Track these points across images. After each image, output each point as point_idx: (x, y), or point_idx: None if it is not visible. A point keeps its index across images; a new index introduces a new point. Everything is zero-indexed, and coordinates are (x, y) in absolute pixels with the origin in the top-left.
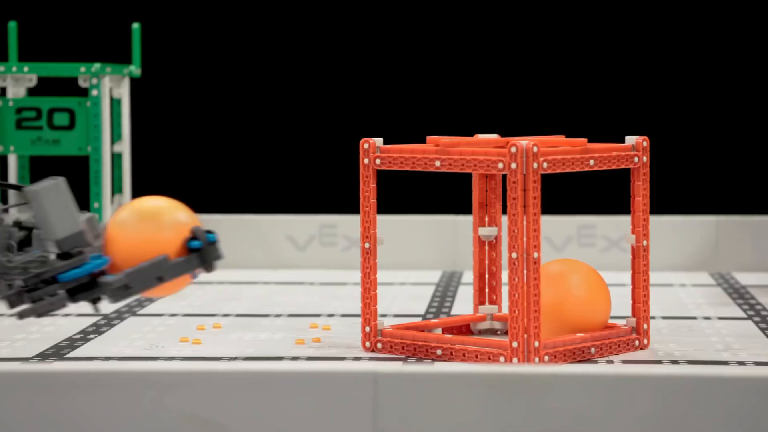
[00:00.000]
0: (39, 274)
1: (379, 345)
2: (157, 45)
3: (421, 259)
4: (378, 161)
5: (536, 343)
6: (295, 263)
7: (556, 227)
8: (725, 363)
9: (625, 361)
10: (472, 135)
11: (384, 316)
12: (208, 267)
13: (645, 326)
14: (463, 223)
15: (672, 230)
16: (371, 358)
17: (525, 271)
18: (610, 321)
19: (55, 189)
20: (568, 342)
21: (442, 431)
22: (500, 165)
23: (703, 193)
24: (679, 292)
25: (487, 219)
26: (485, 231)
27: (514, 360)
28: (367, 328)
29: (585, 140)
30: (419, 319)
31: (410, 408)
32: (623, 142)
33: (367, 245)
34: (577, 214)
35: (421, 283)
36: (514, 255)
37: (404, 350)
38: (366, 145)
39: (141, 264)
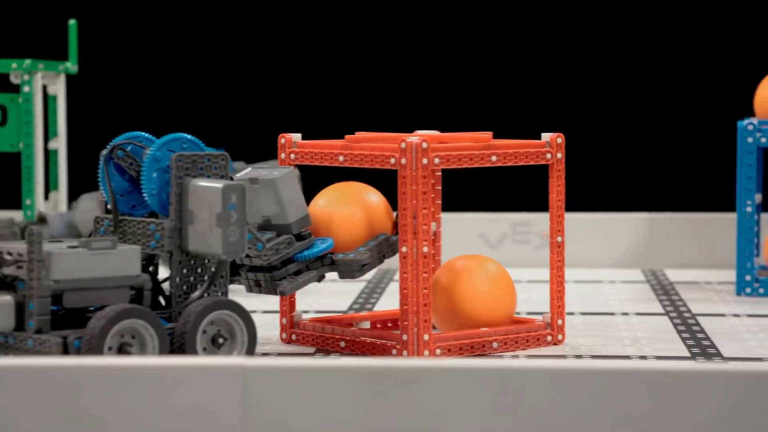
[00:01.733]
0: (283, 255)
1: (294, 337)
2: (96, 41)
3: None
4: (293, 156)
5: (426, 337)
6: None
7: (491, 225)
8: (627, 357)
9: (528, 356)
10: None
11: (306, 312)
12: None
13: (559, 322)
14: None
15: (606, 228)
16: (279, 353)
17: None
18: (531, 317)
19: (289, 176)
20: (465, 336)
21: (312, 426)
22: (392, 160)
23: (637, 190)
24: (607, 288)
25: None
26: None
27: (404, 353)
28: (284, 320)
29: (490, 135)
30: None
31: (279, 402)
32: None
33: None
34: (512, 211)
35: (354, 280)
36: (404, 249)
37: (314, 342)
38: (283, 141)
39: (370, 242)
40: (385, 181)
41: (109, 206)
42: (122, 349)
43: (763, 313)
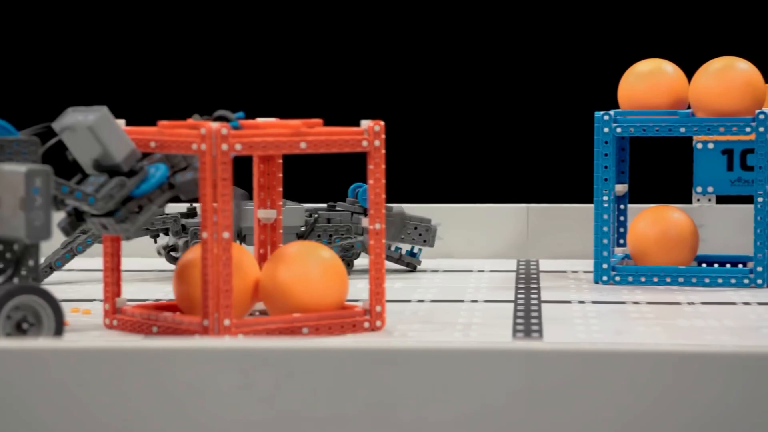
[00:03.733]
0: (119, 198)
1: (115, 323)
2: None
3: None
4: None
5: (227, 322)
6: None
7: None
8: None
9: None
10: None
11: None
12: None
13: (378, 308)
14: None
15: (485, 218)
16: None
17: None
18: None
19: (103, 117)
20: (272, 321)
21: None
22: (194, 146)
23: (516, 182)
24: (473, 278)
25: (269, 202)
26: (264, 213)
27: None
28: (107, 306)
29: (321, 121)
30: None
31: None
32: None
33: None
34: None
35: None
36: (204, 235)
37: (132, 327)
38: None
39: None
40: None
41: None
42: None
43: (608, 299)
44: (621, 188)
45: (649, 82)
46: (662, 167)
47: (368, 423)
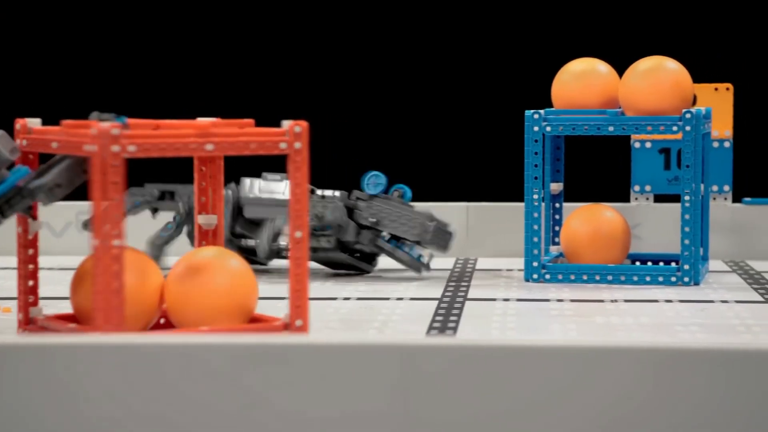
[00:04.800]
0: None
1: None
2: None
3: None
4: (25, 142)
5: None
6: None
7: None
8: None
9: None
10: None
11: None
12: None
13: (299, 322)
14: None
15: None
16: None
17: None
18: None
19: None
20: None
21: None
22: (86, 147)
23: (455, 180)
24: (404, 276)
25: (210, 206)
26: (204, 219)
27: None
28: (20, 315)
29: (252, 122)
30: None
31: None
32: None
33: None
34: None
35: None
36: (95, 242)
37: None
38: (18, 126)
39: (65, 161)
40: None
41: None
42: None
43: (533, 297)
44: (556, 187)
45: (582, 82)
46: (601, 166)
47: (242, 418)
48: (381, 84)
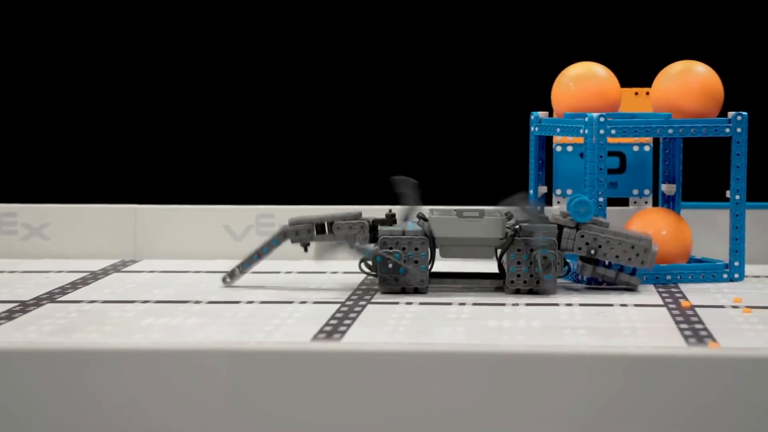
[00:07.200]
0: None
1: None
2: None
3: None
4: None
5: None
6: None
7: (236, 216)
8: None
9: None
10: None
11: None
12: None
13: None
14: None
15: None
16: None
17: None
18: None
19: None
20: None
21: None
22: None
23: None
24: (320, 279)
25: None
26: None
27: None
28: None
29: None
30: None
31: None
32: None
33: None
34: (257, 203)
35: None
36: None
37: None
38: None
39: None
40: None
41: None
42: None
43: (433, 301)
44: (668, 188)
45: (580, 85)
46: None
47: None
48: (386, 86)
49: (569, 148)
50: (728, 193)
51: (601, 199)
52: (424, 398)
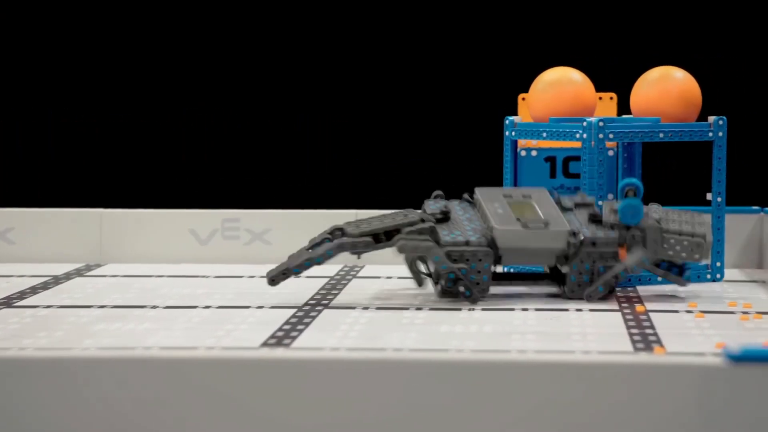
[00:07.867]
0: None
1: None
2: None
3: None
4: None
5: None
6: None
7: (202, 220)
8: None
9: None
10: None
11: None
12: None
13: None
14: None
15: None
16: None
17: None
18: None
19: None
20: None
21: None
22: None
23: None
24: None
25: None
26: None
27: None
28: None
29: None
30: None
31: None
32: None
33: None
34: (222, 208)
35: None
36: None
37: None
38: None
39: None
40: None
41: None
42: None
43: (391, 306)
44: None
45: (555, 90)
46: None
47: None
48: (384, 86)
49: (533, 153)
50: (709, 196)
51: (600, 202)
52: (369, 405)
